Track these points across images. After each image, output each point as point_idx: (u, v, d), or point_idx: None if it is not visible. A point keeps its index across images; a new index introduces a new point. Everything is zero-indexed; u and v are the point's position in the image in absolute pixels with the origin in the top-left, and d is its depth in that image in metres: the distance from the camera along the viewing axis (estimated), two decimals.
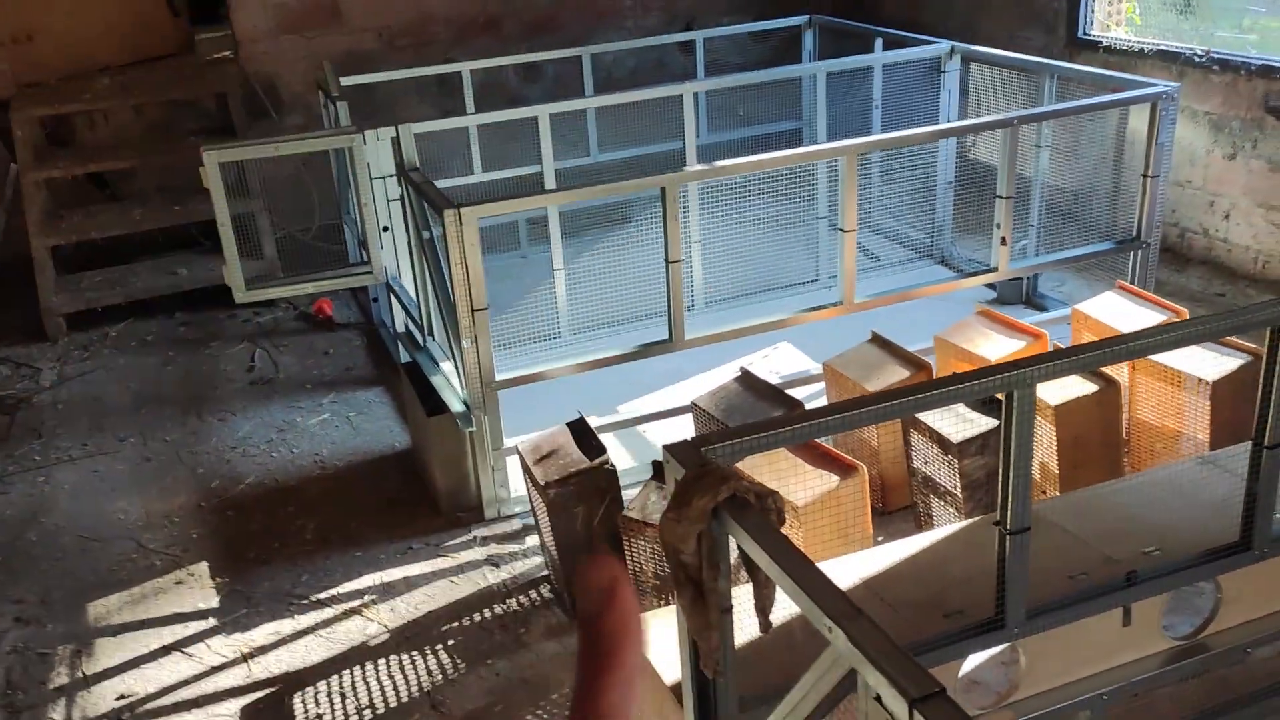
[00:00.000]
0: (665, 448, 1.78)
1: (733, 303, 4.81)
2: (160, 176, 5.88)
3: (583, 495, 2.85)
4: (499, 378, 3.36)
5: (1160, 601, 2.29)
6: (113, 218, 5.32)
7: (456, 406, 3.43)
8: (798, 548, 1.51)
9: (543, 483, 2.83)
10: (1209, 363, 3.02)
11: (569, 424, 3.09)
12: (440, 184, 4.80)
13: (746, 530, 1.55)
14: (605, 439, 3.42)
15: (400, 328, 4.36)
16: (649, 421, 3.70)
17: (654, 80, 6.85)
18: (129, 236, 5.43)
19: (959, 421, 2.91)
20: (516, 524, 3.44)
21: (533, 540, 3.33)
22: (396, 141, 3.79)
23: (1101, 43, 5.23)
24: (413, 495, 3.65)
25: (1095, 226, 4.30)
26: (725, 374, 4.14)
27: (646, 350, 3.54)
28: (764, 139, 5.82)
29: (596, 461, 2.86)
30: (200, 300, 5.27)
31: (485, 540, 3.37)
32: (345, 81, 5.03)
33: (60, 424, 4.33)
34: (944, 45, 4.92)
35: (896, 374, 3.25)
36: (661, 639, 2.24)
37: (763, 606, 1.70)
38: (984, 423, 2.88)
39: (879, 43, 5.46)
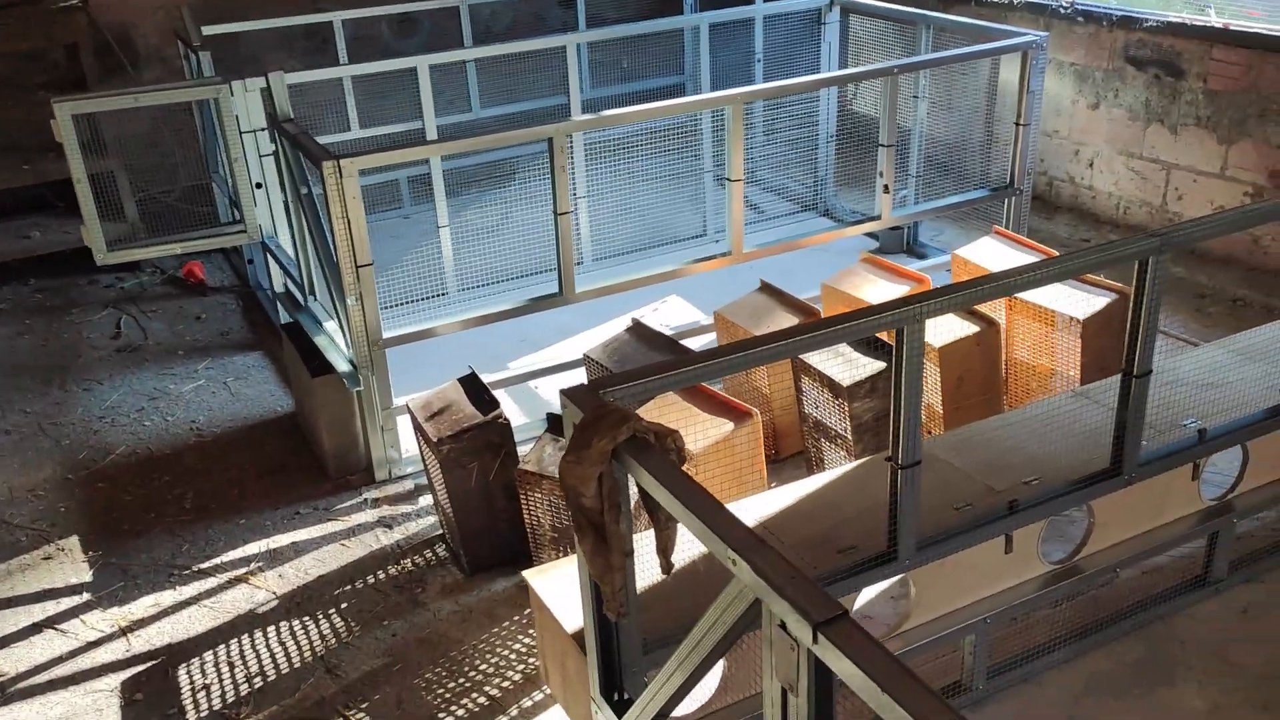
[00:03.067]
0: (563, 392, 1.75)
1: (622, 259, 4.80)
2: (6, 134, 5.49)
3: (477, 450, 2.80)
4: (386, 335, 3.26)
5: (1038, 529, 2.39)
6: None
7: (343, 366, 3.32)
8: (700, 485, 1.51)
9: (435, 439, 2.77)
10: (1079, 302, 3.15)
11: (460, 380, 3.03)
12: (319, 140, 4.65)
13: (648, 470, 1.54)
14: (497, 396, 3.38)
15: (279, 289, 4.19)
16: (541, 377, 3.66)
17: (533, 34, 6.73)
18: None
19: (847, 365, 2.97)
20: (409, 484, 3.36)
21: (426, 500, 3.27)
22: (267, 92, 3.61)
23: None
24: (299, 460, 3.53)
25: (971, 175, 4.42)
26: (617, 327, 4.15)
27: (536, 305, 3.49)
28: (647, 94, 5.77)
29: (490, 416, 2.81)
30: (56, 266, 4.96)
31: (377, 502, 3.29)
32: (206, 31, 4.78)
33: None
34: None
35: (786, 320, 3.28)
36: (563, 589, 2.22)
37: (664, 547, 1.70)
38: (872, 366, 2.94)
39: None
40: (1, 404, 3.97)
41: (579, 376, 3.65)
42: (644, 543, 1.84)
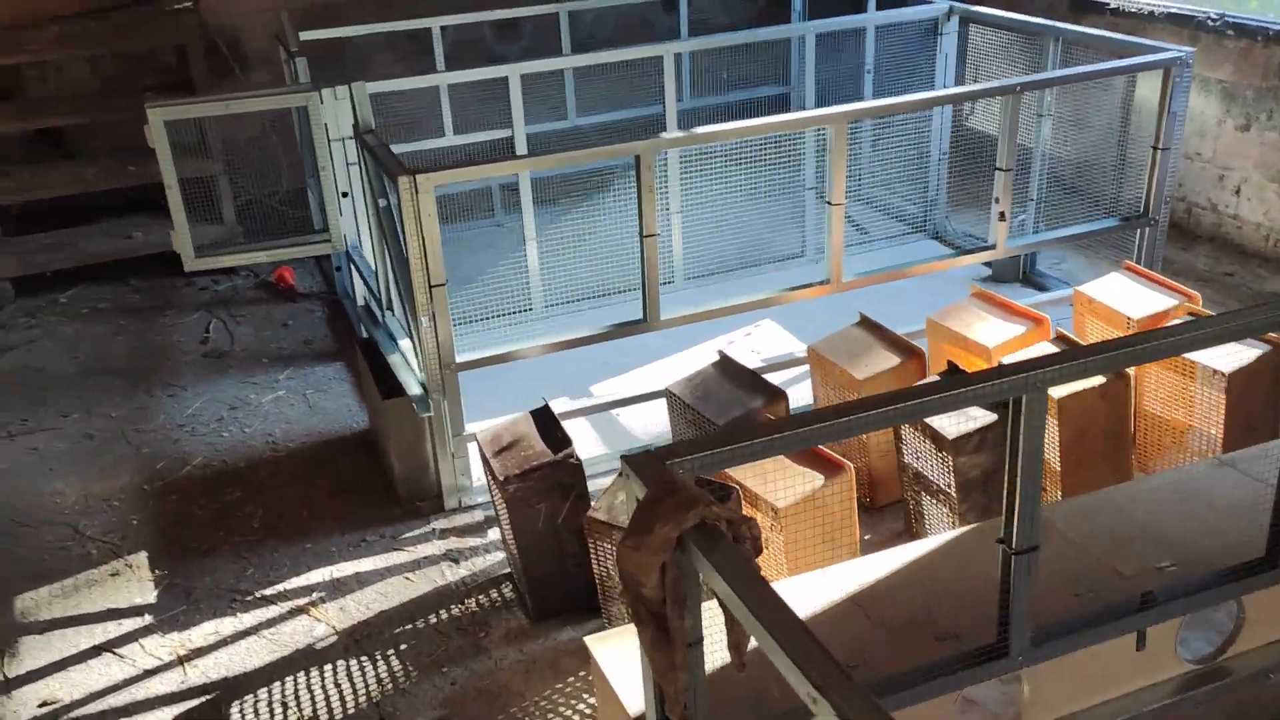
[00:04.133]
0: (624, 460, 1.55)
1: (713, 278, 4.59)
2: (116, 134, 5.57)
3: (546, 491, 2.63)
4: (460, 359, 3.12)
5: (1176, 623, 2.09)
6: (63, 177, 5.03)
7: (414, 389, 3.19)
8: (777, 594, 1.29)
9: (502, 477, 2.61)
10: (1224, 353, 2.81)
11: (532, 412, 2.86)
12: (410, 148, 4.55)
13: (717, 567, 1.33)
14: (574, 424, 3.21)
15: (360, 300, 4.11)
16: (622, 406, 3.47)
17: (637, 41, 6.54)
18: (82, 197, 5.14)
19: (954, 415, 2.70)
20: (478, 515, 3.22)
21: (496, 534, 3.11)
22: (375, 101, 3.50)
23: (1108, 4, 4.97)
24: (369, 482, 3.42)
25: (1099, 201, 4.06)
26: (703, 355, 3.93)
27: (619, 331, 3.31)
28: (749, 104, 5.56)
29: (561, 455, 2.64)
30: (156, 266, 4.99)
31: (444, 533, 3.15)
32: (306, 36, 4.74)
33: None
34: (942, 5, 4.65)
35: (885, 360, 3.02)
36: (627, 662, 2.03)
37: (738, 643, 1.49)
38: (982, 417, 2.66)
39: (872, 2, 5.18)
40: (89, 406, 3.97)
41: (660, 408, 3.45)
42: (714, 622, 1.63)
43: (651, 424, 3.54)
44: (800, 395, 3.31)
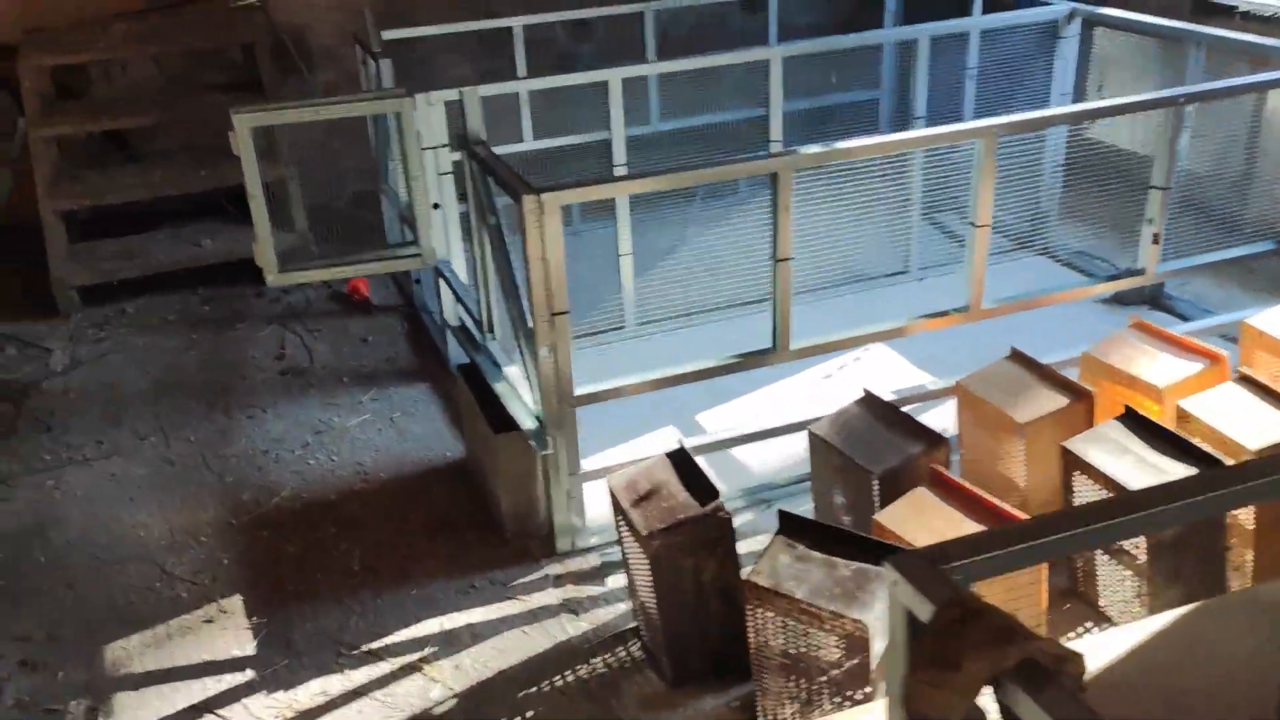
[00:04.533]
0: (893, 564, 1.30)
1: (819, 299, 4.34)
2: (183, 135, 5.39)
3: (693, 547, 2.39)
4: (578, 392, 2.89)
5: None
6: (131, 180, 4.83)
7: (528, 423, 2.96)
8: None
9: (645, 532, 2.37)
10: None
11: (668, 454, 2.62)
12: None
13: (1052, 714, 1.08)
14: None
15: (452, 319, 3.88)
16: (745, 444, 3.21)
17: (716, 41, 6.30)
18: (147, 202, 4.95)
19: (1141, 468, 2.44)
20: (594, 559, 2.98)
21: (614, 582, 2.88)
22: (458, 108, 3.27)
23: (1236, 7, 4.66)
24: (471, 518, 3.19)
25: (1244, 223, 3.78)
26: (810, 379, 3.68)
27: (746, 362, 3.06)
28: (838, 110, 5.31)
29: (710, 507, 2.40)
30: (223, 274, 4.79)
31: (560, 580, 2.92)
32: (385, 36, 4.52)
33: (72, 416, 3.88)
34: (1062, 7, 4.37)
35: (1050, 401, 2.76)
36: None
37: None
38: (1174, 469, 2.40)
39: (978, 3, 4.90)
40: (166, 428, 3.77)
41: (785, 445, 3.22)
42: None
43: (770, 459, 3.30)
44: None
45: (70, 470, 3.54)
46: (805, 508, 3.12)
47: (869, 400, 2.81)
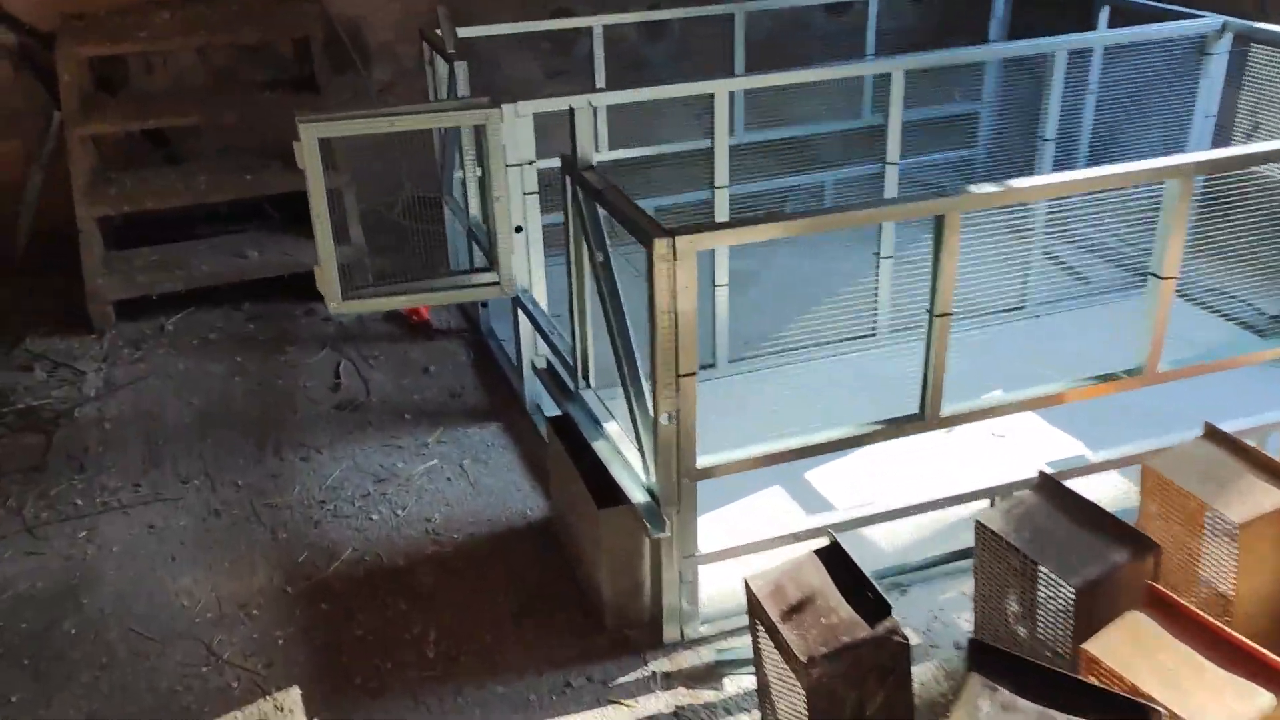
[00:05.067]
0: None
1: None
2: (225, 134, 5.01)
3: (860, 677, 1.97)
4: (703, 463, 2.47)
5: None
6: (173, 185, 4.44)
7: (637, 495, 2.54)
8: None
9: (805, 657, 1.95)
10: None
11: (818, 552, 2.20)
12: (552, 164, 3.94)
13: None
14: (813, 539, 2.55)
15: (533, 357, 3.48)
16: (884, 521, 2.78)
17: (798, 46, 5.86)
18: (187, 205, 4.56)
19: None
20: (707, 654, 2.57)
21: (734, 686, 2.47)
22: (571, 121, 2.81)
23: None
24: (559, 597, 2.79)
25: None
26: (935, 442, 3.25)
27: (891, 430, 2.63)
28: (933, 125, 4.88)
29: (883, 629, 1.98)
30: (268, 287, 4.40)
31: (669, 680, 2.50)
32: (463, 33, 4.11)
33: (108, 451, 3.49)
34: (1212, 21, 3.91)
35: (1268, 497, 2.32)
36: None
37: None
38: None
39: (1104, 13, 4.44)
40: (211, 470, 3.38)
41: (921, 525, 2.80)
42: None
43: (901, 532, 2.88)
44: None
45: (105, 519, 3.15)
46: (950, 595, 2.71)
47: (1049, 487, 2.38)
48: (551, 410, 3.41)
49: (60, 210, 4.36)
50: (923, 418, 2.62)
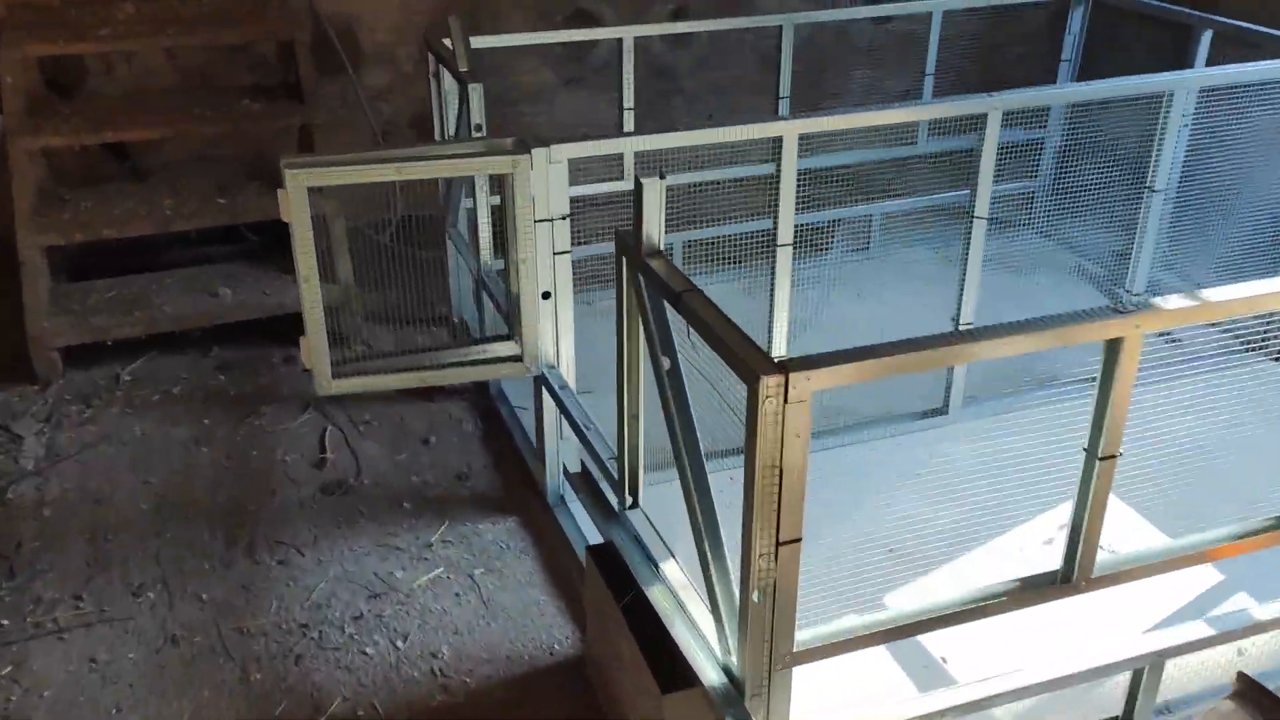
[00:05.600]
0: None
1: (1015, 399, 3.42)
2: (200, 146, 4.40)
3: None
4: (801, 643, 1.93)
5: None
6: (135, 210, 3.82)
7: (711, 675, 2.00)
8: None
9: None
10: None
11: None
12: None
13: None
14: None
15: (559, 451, 2.93)
16: (1005, 702, 2.24)
17: (839, 59, 5.31)
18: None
19: None
20: None
21: None
22: (637, 196, 2.26)
23: None
24: None
25: None
26: (1031, 541, 2.72)
27: (1026, 596, 2.09)
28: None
29: None
30: (245, 328, 3.81)
31: None
32: (476, 43, 3.53)
33: (45, 548, 2.91)
34: None
35: None
36: None
37: None
38: None
39: (1205, 38, 3.90)
40: (170, 576, 2.81)
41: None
42: None
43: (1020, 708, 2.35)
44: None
45: (38, 647, 2.57)
46: None
47: (1248, 690, 1.86)
48: (574, 505, 2.89)
49: (5, 236, 3.75)
50: (1070, 580, 2.09)
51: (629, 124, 4.06)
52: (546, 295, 2.81)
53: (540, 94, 4.91)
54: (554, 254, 2.79)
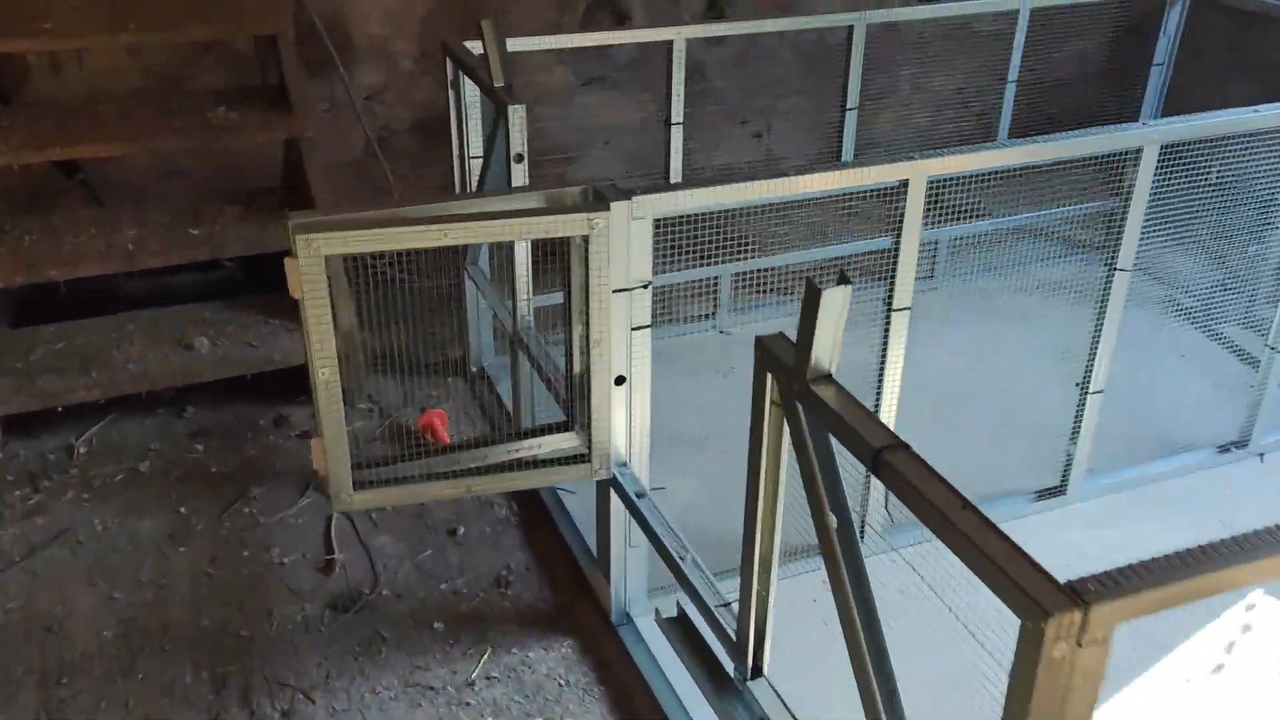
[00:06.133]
0: None
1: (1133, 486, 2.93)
2: (167, 159, 3.77)
3: None
4: None
5: None
6: (89, 246, 3.18)
7: None
8: None
9: None
10: None
11: None
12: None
13: None
14: None
15: (630, 549, 2.37)
16: None
17: (880, 55, 4.74)
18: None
19: None
20: None
21: None
22: (811, 306, 1.72)
23: None
24: None
25: None
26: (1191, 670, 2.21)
27: None
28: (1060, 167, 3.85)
29: None
30: (220, 382, 3.21)
31: None
32: (514, 46, 2.93)
33: None
34: None
35: None
36: None
37: None
38: None
39: None
40: None
41: None
42: None
43: None
44: None
45: None
46: None
47: None
48: (643, 623, 2.35)
49: None
50: None
51: (676, 141, 3.48)
52: (621, 380, 2.24)
53: (555, 95, 4.31)
54: (631, 328, 2.21)
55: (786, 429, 1.61)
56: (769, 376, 1.61)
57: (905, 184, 2.33)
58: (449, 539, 2.80)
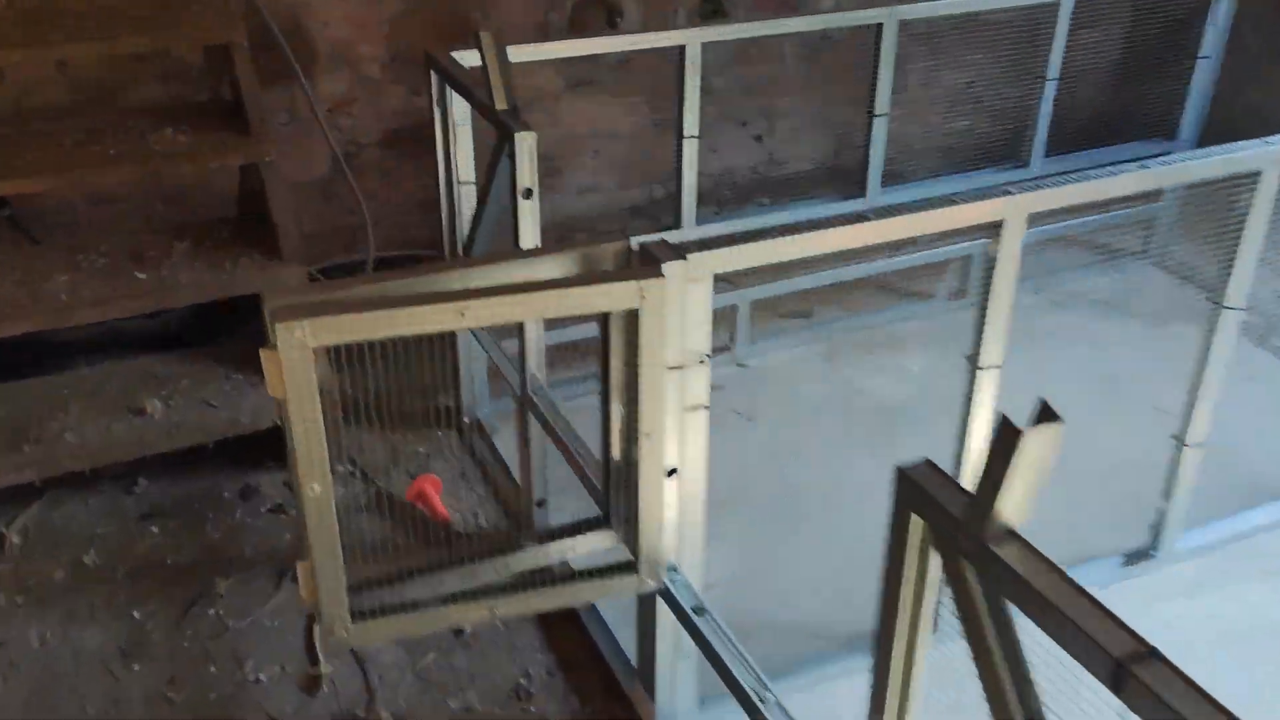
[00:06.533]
0: None
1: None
2: (110, 202, 3.29)
3: None
4: None
5: None
6: (14, 298, 2.70)
7: None
8: None
9: None
10: None
11: None
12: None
13: None
14: None
15: (674, 668, 1.98)
16: None
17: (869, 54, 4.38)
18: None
19: None
20: None
21: None
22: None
23: None
24: None
25: None
26: None
27: None
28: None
29: None
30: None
31: None
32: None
33: None
34: None
35: None
36: None
37: None
38: None
39: None
40: None
41: None
42: None
43: None
44: None
45: None
46: None
47: None
48: None
49: None
50: None
51: (689, 155, 3.09)
52: (672, 472, 1.85)
53: (540, 100, 3.88)
54: (684, 409, 1.82)
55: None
56: (913, 518, 1.22)
57: (999, 225, 1.95)
58: (454, 639, 2.39)
